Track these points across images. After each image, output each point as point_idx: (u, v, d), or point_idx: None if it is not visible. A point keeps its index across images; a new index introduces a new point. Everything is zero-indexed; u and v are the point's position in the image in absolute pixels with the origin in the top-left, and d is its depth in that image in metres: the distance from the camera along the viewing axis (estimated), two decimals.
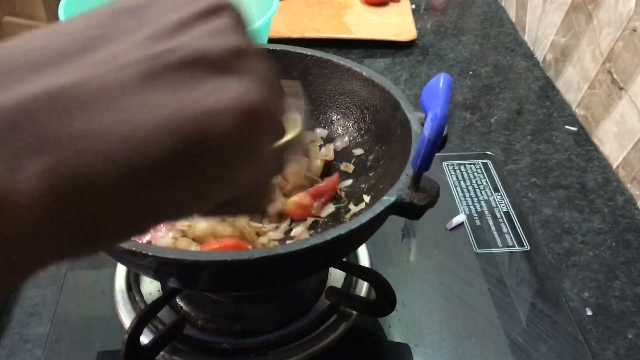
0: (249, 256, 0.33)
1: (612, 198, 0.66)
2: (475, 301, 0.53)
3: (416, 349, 0.50)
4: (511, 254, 0.58)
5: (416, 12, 1.03)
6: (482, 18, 1.03)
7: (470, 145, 0.73)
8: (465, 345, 0.50)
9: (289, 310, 0.49)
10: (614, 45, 0.70)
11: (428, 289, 0.55)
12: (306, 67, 0.50)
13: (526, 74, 0.87)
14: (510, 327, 0.51)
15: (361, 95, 0.50)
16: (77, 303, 0.52)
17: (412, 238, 0.60)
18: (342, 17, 0.98)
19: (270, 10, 0.73)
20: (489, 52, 0.93)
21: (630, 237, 0.61)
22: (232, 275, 0.38)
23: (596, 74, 0.74)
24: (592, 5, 0.75)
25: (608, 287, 0.56)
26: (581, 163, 0.71)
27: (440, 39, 0.96)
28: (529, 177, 0.69)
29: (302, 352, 0.46)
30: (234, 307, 0.50)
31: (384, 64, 0.89)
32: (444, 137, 0.40)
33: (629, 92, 0.67)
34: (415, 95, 0.81)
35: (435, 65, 0.89)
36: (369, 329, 0.51)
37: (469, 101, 0.81)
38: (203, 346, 0.47)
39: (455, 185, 0.66)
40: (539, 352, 0.49)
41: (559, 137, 0.75)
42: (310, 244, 0.33)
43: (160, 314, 0.47)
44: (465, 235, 0.60)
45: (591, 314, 0.53)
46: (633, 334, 0.51)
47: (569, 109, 0.80)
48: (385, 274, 0.47)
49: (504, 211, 0.63)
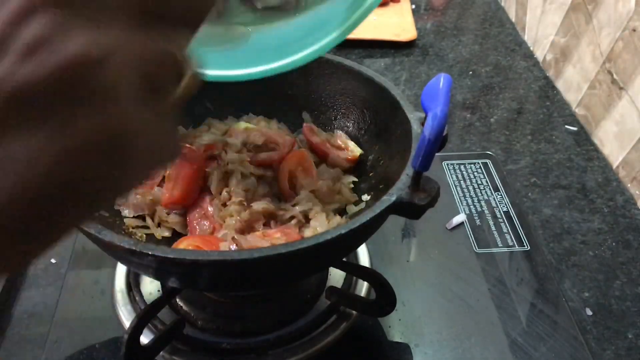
0: (249, 256, 0.33)
1: (612, 198, 0.66)
2: (475, 301, 0.53)
3: (416, 349, 0.50)
4: (511, 253, 0.58)
5: (416, 12, 1.03)
6: (482, 18, 1.03)
7: (470, 145, 0.73)
8: (465, 345, 0.50)
9: (289, 310, 0.49)
10: (614, 45, 0.70)
11: (428, 289, 0.55)
12: (306, 67, 0.50)
13: (526, 74, 0.87)
14: (510, 327, 0.51)
15: (361, 96, 0.50)
16: (77, 303, 0.52)
17: (412, 238, 0.60)
18: None
19: None
20: (489, 52, 0.93)
21: (630, 237, 0.61)
22: (232, 275, 0.38)
23: (596, 74, 0.74)
24: (592, 5, 0.75)
25: (608, 287, 0.56)
26: (581, 163, 0.71)
27: (440, 39, 0.96)
28: (529, 177, 0.69)
29: (302, 352, 0.46)
30: (234, 307, 0.50)
31: (384, 64, 0.89)
32: (444, 137, 0.40)
33: (629, 92, 0.67)
34: (415, 95, 0.81)
35: (435, 65, 0.89)
36: (369, 329, 0.51)
37: (469, 101, 0.81)
38: (203, 346, 0.47)
39: (455, 185, 0.66)
40: (539, 352, 0.49)
41: (559, 137, 0.75)
42: (310, 243, 0.33)
43: (160, 314, 0.47)
44: (465, 235, 0.60)
45: (591, 314, 0.53)
46: (633, 334, 0.51)
47: (569, 109, 0.80)
48: (385, 274, 0.47)
49: (504, 211, 0.63)
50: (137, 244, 0.33)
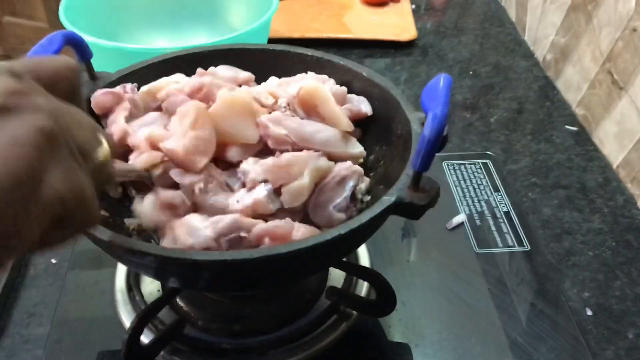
0: (249, 256, 0.33)
1: (612, 198, 0.66)
2: (475, 301, 0.53)
3: (416, 349, 0.50)
4: (511, 253, 0.58)
5: (416, 12, 1.03)
6: (482, 18, 1.03)
7: (470, 145, 0.73)
8: (465, 345, 0.50)
9: (289, 310, 0.49)
10: (614, 45, 0.70)
11: (428, 289, 0.55)
12: (306, 67, 0.50)
13: (526, 73, 0.87)
14: (511, 327, 0.51)
15: (361, 96, 0.50)
16: (77, 303, 0.52)
17: (412, 238, 0.60)
18: (342, 17, 0.98)
19: (270, 10, 0.73)
20: (489, 52, 0.93)
21: (630, 237, 0.61)
22: (232, 275, 0.38)
23: (596, 74, 0.74)
24: (592, 5, 0.75)
25: (608, 287, 0.56)
26: (581, 163, 0.71)
27: (440, 39, 0.96)
28: (529, 177, 0.69)
29: (302, 352, 0.46)
30: (234, 307, 0.50)
31: (384, 64, 0.89)
32: (444, 137, 0.40)
33: (629, 92, 0.67)
34: (415, 95, 0.81)
35: (435, 65, 0.89)
36: (369, 329, 0.51)
37: (469, 101, 0.81)
38: (203, 346, 0.47)
39: (455, 185, 0.66)
40: (539, 352, 0.49)
41: (559, 137, 0.75)
42: (310, 243, 0.33)
43: (160, 314, 0.47)
44: (465, 235, 0.60)
45: (591, 314, 0.53)
46: (633, 334, 0.51)
47: (569, 109, 0.80)
48: (385, 274, 0.47)
49: (504, 211, 0.63)
50: (137, 244, 0.33)
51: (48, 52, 0.39)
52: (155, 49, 0.68)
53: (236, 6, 0.84)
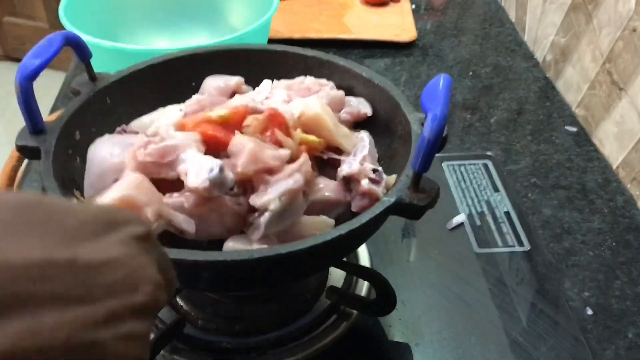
0: (249, 256, 0.33)
1: (612, 198, 0.66)
2: (475, 301, 0.53)
3: (416, 348, 0.50)
4: (511, 253, 0.58)
5: (416, 12, 1.03)
6: (482, 18, 1.03)
7: (470, 145, 0.73)
8: (466, 345, 0.50)
9: (289, 310, 0.49)
10: (614, 46, 0.70)
11: (428, 289, 0.55)
12: (306, 68, 0.50)
13: (526, 74, 0.87)
14: (511, 327, 0.51)
15: (361, 96, 0.50)
16: None
17: (412, 238, 0.60)
18: (342, 17, 0.99)
19: (270, 10, 0.73)
20: (489, 52, 0.93)
21: (630, 237, 0.61)
22: (232, 275, 0.38)
23: (596, 74, 0.74)
24: (592, 5, 0.75)
25: (608, 287, 0.56)
26: (581, 163, 0.71)
27: (440, 39, 0.96)
28: (529, 177, 0.69)
29: (302, 352, 0.46)
30: (234, 307, 0.50)
31: (384, 64, 0.89)
32: (444, 138, 0.40)
33: (628, 93, 0.67)
34: (415, 96, 0.81)
35: (435, 65, 0.89)
36: (369, 329, 0.51)
37: (469, 101, 0.81)
38: (203, 346, 0.47)
39: (455, 186, 0.66)
40: (539, 352, 0.49)
41: (559, 137, 0.75)
42: (310, 244, 0.33)
43: (160, 313, 0.47)
44: (465, 235, 0.60)
45: (591, 313, 0.53)
46: (633, 334, 0.52)
47: (569, 110, 0.80)
48: (385, 274, 0.47)
49: (504, 211, 0.63)
50: None
51: (48, 53, 0.39)
52: (155, 49, 0.68)
53: (236, 6, 0.85)
